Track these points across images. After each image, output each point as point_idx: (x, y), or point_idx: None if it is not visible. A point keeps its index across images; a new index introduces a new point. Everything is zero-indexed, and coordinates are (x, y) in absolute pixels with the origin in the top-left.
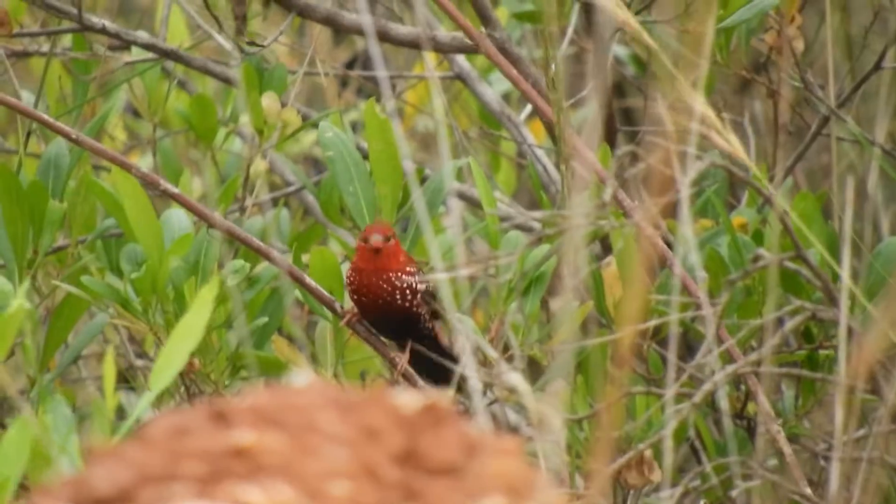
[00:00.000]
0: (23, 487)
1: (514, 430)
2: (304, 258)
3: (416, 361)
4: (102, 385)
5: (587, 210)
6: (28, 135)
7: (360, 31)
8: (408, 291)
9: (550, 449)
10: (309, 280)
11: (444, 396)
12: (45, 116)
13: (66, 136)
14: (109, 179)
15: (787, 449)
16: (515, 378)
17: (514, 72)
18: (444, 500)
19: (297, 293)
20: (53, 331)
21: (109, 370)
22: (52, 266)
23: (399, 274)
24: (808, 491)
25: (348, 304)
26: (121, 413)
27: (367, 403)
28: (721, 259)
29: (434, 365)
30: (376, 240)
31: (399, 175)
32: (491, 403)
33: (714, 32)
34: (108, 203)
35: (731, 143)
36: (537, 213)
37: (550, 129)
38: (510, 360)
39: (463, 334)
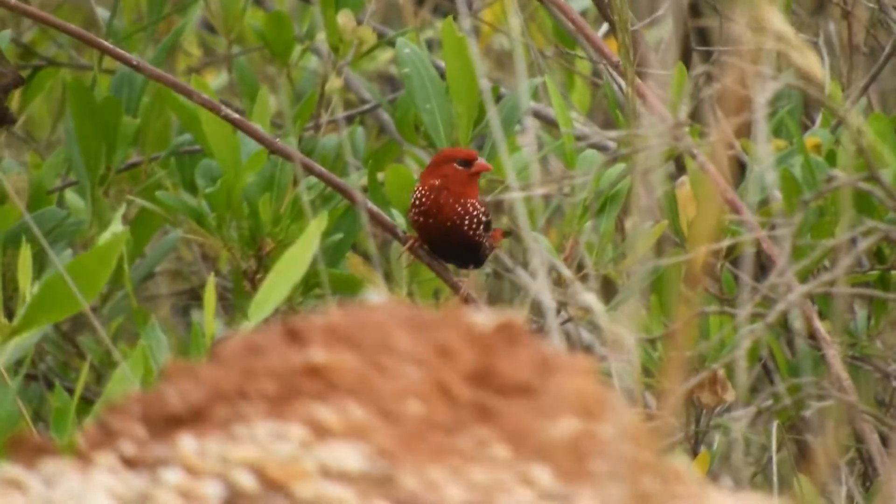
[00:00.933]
0: None
1: (587, 349)
2: (380, 176)
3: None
4: (175, 303)
5: (662, 130)
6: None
7: None
8: (474, 220)
9: (624, 369)
10: (371, 205)
11: (518, 316)
12: (105, 42)
13: (127, 62)
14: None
15: (843, 374)
16: (589, 297)
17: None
18: (517, 419)
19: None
20: (126, 248)
21: (210, 297)
22: (126, 183)
23: (474, 202)
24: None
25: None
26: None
27: (440, 323)
28: (794, 179)
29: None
30: (484, 162)
31: (475, 93)
32: (565, 323)
33: None
34: (184, 118)
35: (810, 60)
36: (612, 133)
37: (615, 64)
38: (584, 279)
39: (537, 253)
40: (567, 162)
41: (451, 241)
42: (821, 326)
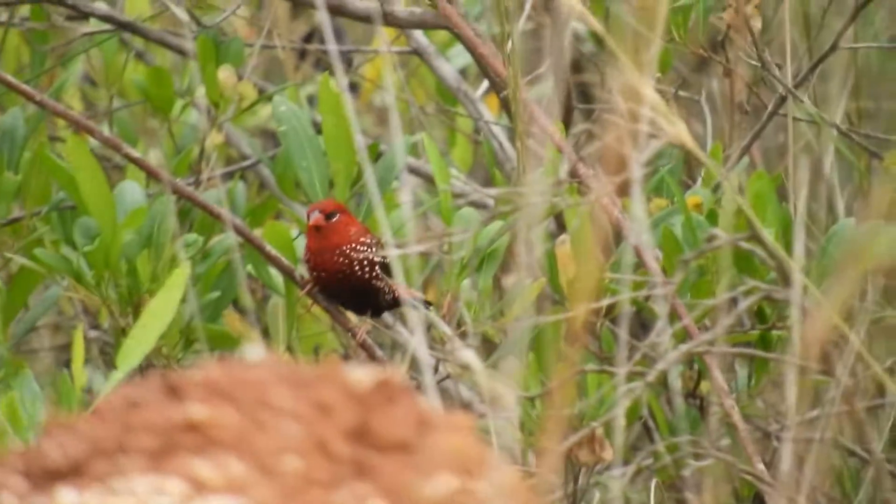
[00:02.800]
0: None
1: (466, 407)
2: (258, 232)
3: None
4: (57, 356)
5: (543, 187)
6: None
7: (315, 5)
8: (365, 263)
9: (503, 426)
10: (269, 248)
11: (397, 373)
12: (9, 77)
13: (30, 97)
14: (65, 150)
15: (740, 423)
16: (469, 355)
17: (470, 33)
18: (395, 476)
19: (251, 268)
20: (9, 301)
21: (78, 348)
22: (8, 237)
23: (354, 246)
24: (762, 467)
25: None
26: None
27: (319, 379)
28: (675, 238)
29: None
30: (315, 217)
31: (353, 150)
32: (443, 380)
33: (671, 9)
34: (60, 177)
35: (679, 128)
36: (493, 191)
37: (506, 104)
38: (463, 336)
39: (415, 311)
40: (445, 219)
41: (350, 289)
42: (720, 376)
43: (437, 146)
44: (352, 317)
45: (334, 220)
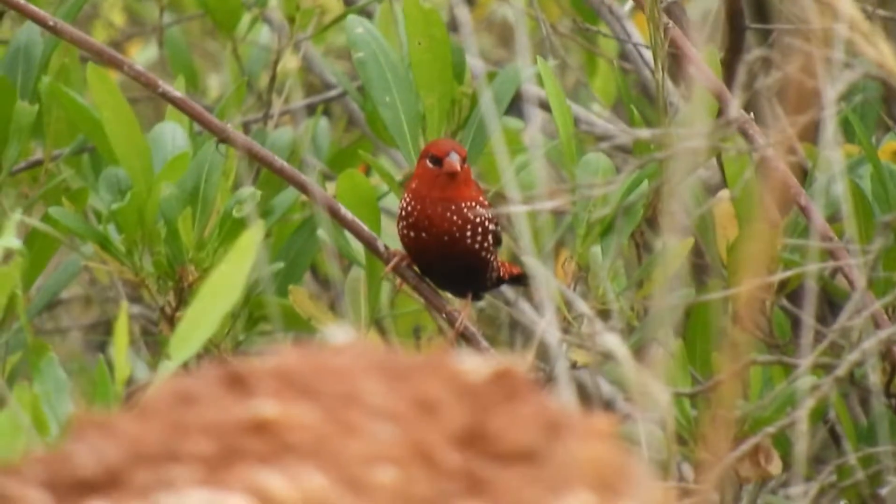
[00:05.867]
0: None
1: (607, 406)
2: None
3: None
4: (87, 336)
5: (701, 129)
6: None
7: None
8: (479, 228)
9: (652, 431)
10: (346, 211)
11: (521, 361)
12: None
13: (42, 23)
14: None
15: None
16: (612, 340)
17: None
18: (516, 492)
19: (321, 232)
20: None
21: (121, 332)
22: (26, 185)
23: (472, 204)
24: None
25: (393, 244)
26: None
27: (421, 369)
28: (863, 194)
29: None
30: (453, 161)
31: (449, 81)
32: (573, 367)
33: None
34: (79, 115)
35: (882, 50)
36: (644, 132)
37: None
38: (604, 316)
39: (542, 285)
40: (567, 166)
41: (451, 258)
42: None
43: (552, 73)
44: (449, 297)
45: (465, 166)
